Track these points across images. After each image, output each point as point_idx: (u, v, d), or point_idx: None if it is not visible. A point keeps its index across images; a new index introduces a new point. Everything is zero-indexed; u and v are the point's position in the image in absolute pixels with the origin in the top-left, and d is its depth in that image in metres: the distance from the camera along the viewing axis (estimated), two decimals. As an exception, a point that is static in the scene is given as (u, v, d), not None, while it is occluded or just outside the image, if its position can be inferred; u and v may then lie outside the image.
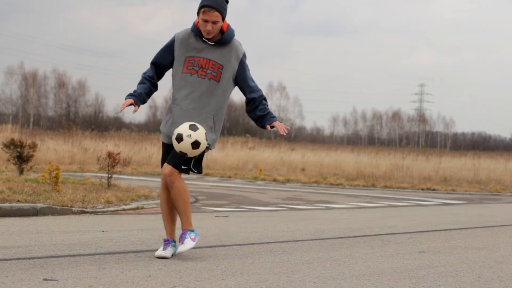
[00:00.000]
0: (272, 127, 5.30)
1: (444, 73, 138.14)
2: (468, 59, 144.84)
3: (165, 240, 5.34)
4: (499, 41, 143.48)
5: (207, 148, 5.25)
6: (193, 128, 5.04)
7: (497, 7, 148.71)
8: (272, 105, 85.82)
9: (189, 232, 5.23)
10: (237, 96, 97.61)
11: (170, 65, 5.36)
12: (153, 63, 5.38)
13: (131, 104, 5.20)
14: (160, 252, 5.27)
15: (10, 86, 74.23)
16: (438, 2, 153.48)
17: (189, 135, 5.01)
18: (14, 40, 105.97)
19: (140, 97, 5.25)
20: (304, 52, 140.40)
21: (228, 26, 5.28)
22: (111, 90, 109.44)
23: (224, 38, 5.24)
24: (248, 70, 5.38)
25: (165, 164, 5.26)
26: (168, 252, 5.27)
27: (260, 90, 5.39)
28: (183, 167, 5.22)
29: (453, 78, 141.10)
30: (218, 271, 4.80)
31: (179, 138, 5.03)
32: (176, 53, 5.29)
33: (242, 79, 5.34)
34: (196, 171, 5.31)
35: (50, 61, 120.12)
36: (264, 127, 5.31)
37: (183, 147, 5.03)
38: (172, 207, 5.36)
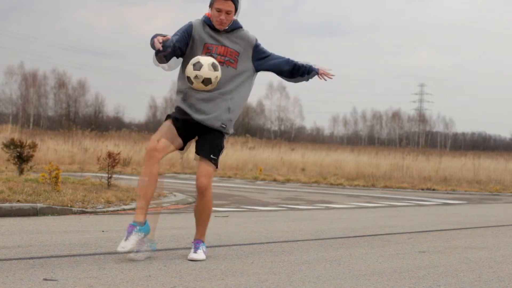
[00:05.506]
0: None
1: (444, 73, 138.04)
2: (468, 59, 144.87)
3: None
4: (499, 41, 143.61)
5: (225, 131, 5.29)
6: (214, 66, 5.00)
7: (497, 7, 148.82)
8: (272, 105, 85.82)
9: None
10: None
11: (182, 48, 5.21)
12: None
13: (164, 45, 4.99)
14: (192, 255, 5.25)
15: (10, 86, 74.36)
16: (438, 2, 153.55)
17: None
18: (14, 40, 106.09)
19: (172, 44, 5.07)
20: (304, 52, 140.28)
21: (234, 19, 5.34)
22: (111, 90, 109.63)
23: (233, 25, 5.27)
24: (266, 50, 5.41)
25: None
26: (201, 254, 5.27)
27: (286, 59, 5.46)
28: (212, 156, 5.30)
29: (453, 78, 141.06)
30: (218, 271, 4.80)
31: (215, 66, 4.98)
32: (194, 38, 5.23)
33: (266, 59, 5.39)
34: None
35: (50, 61, 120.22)
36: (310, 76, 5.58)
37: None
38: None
